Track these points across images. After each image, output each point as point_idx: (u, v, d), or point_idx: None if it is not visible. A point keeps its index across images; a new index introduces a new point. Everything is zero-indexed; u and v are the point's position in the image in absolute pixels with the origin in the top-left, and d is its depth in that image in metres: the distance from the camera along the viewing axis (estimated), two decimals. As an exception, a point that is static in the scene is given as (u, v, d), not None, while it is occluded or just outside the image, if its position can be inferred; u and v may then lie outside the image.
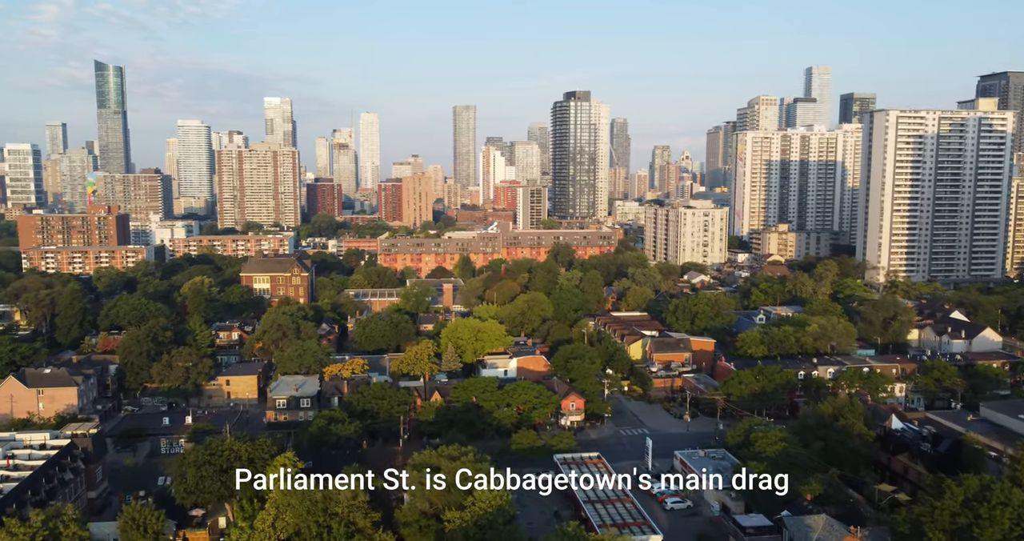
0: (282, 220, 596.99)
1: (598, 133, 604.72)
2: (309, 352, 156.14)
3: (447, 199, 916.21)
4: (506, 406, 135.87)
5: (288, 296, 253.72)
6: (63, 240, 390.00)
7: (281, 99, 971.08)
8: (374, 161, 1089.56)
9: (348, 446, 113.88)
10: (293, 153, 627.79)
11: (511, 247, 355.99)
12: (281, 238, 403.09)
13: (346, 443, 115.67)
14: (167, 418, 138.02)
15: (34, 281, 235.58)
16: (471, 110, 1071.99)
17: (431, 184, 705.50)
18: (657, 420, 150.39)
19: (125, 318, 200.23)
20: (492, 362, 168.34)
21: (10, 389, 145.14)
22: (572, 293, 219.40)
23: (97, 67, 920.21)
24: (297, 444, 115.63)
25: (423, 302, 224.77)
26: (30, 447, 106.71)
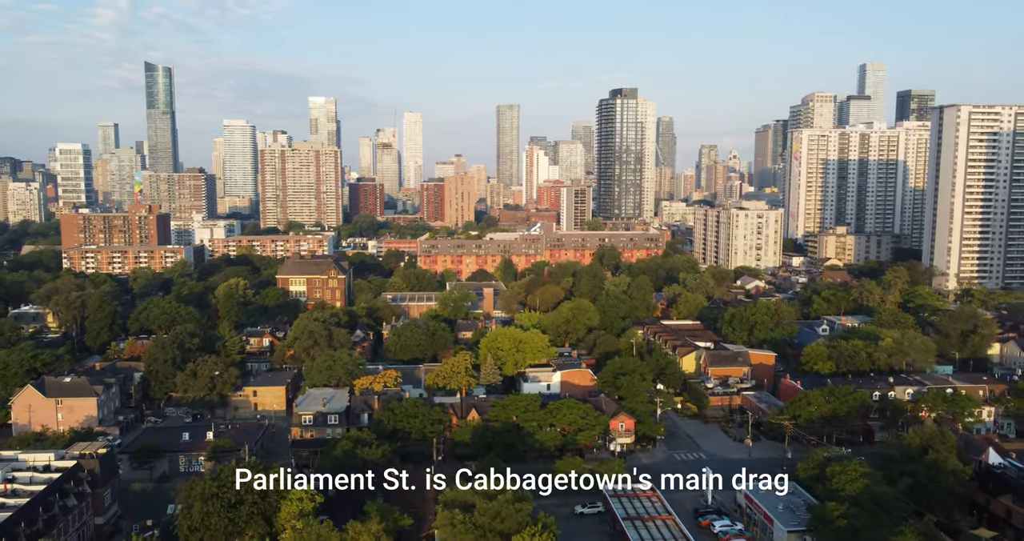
0: (324, 220, 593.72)
1: (644, 131, 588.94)
2: (339, 363, 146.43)
3: (490, 199, 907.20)
4: (549, 427, 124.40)
5: (324, 300, 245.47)
6: (104, 239, 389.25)
7: (326, 99, 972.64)
8: (417, 161, 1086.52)
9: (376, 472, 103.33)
10: (335, 152, 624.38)
11: (554, 249, 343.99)
12: (320, 239, 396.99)
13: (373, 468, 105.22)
14: (187, 433, 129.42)
15: (66, 282, 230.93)
16: (514, 109, 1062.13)
17: (473, 184, 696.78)
18: (714, 443, 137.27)
19: (155, 322, 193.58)
20: (534, 375, 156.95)
21: (28, 399, 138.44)
22: (619, 300, 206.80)
23: (147, 68, 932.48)
24: (321, 468, 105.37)
25: (462, 308, 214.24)
26: (33, 469, 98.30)
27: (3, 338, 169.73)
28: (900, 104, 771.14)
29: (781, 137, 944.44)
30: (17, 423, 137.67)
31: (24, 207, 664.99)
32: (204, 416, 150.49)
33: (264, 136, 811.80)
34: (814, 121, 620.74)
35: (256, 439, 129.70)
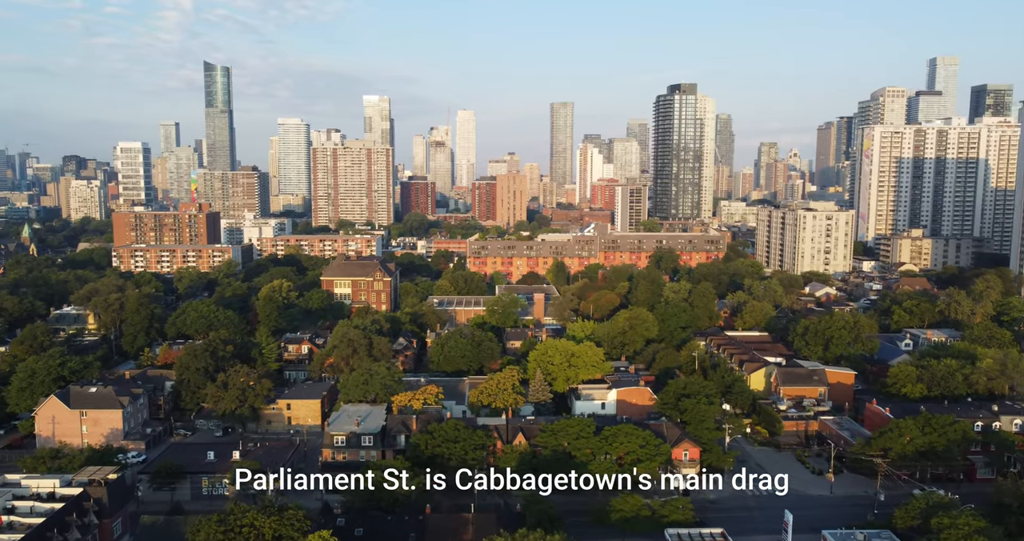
0: (375, 218, 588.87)
1: (704, 128, 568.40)
2: (376, 378, 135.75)
3: (542, 198, 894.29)
4: (604, 456, 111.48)
5: (368, 303, 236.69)
6: (155, 237, 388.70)
7: (380, 97, 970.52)
8: (470, 159, 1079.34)
9: (408, 510, 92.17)
10: (387, 150, 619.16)
11: (609, 251, 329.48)
12: (369, 238, 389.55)
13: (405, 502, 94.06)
14: (212, 451, 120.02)
15: (107, 283, 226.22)
16: (568, 107, 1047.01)
17: (526, 182, 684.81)
18: (790, 475, 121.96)
19: (192, 327, 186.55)
20: (587, 393, 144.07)
21: (52, 410, 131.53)
22: (680, 308, 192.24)
23: (206, 67, 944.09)
24: (347, 503, 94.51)
25: (511, 315, 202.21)
26: (36, 497, 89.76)
27: (36, 343, 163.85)
28: (975, 99, 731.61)
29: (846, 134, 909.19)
30: (41, 435, 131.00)
31: (85, 204, 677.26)
32: (235, 430, 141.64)
33: (318, 134, 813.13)
34: (884, 117, 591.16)
35: (286, 460, 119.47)
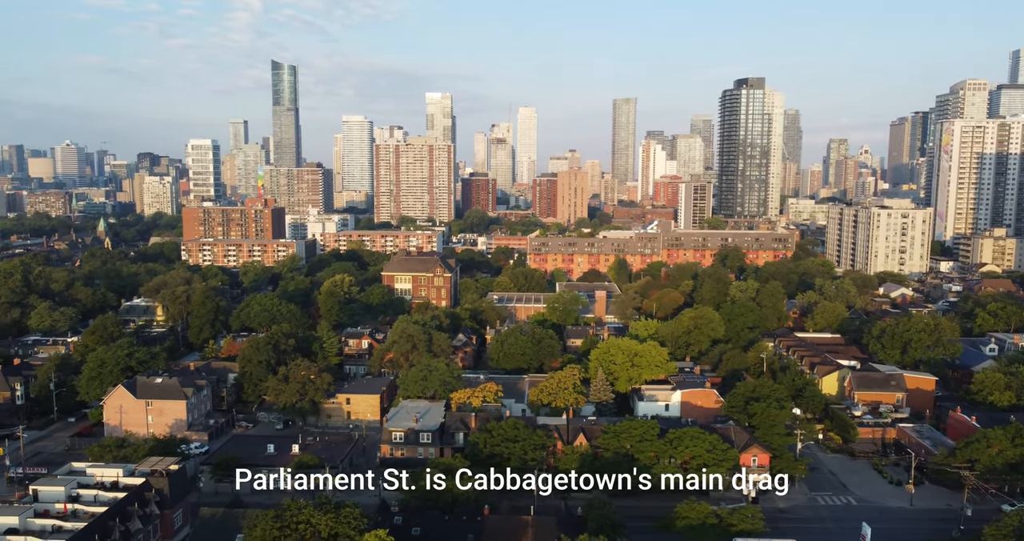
0: (436, 215, 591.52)
1: (771, 124, 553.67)
2: (435, 374, 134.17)
3: (603, 195, 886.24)
4: (669, 460, 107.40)
5: (428, 299, 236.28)
6: (222, 232, 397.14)
7: (442, 94, 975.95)
8: (531, 156, 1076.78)
9: (466, 510, 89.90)
10: (449, 147, 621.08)
11: (672, 249, 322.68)
12: (430, 234, 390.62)
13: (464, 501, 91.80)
14: (272, 444, 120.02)
15: (175, 276, 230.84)
16: (631, 103, 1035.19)
17: (587, 179, 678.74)
18: (866, 485, 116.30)
19: (256, 320, 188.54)
20: (651, 394, 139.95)
21: (119, 399, 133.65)
22: (747, 308, 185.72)
23: (273, 66, 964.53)
24: (405, 501, 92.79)
25: (572, 312, 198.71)
26: (100, 486, 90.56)
27: (107, 333, 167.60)
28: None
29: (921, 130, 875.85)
30: (108, 424, 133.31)
31: (158, 200, 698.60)
32: (295, 423, 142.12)
33: (381, 131, 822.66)
34: (964, 112, 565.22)
35: (344, 455, 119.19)
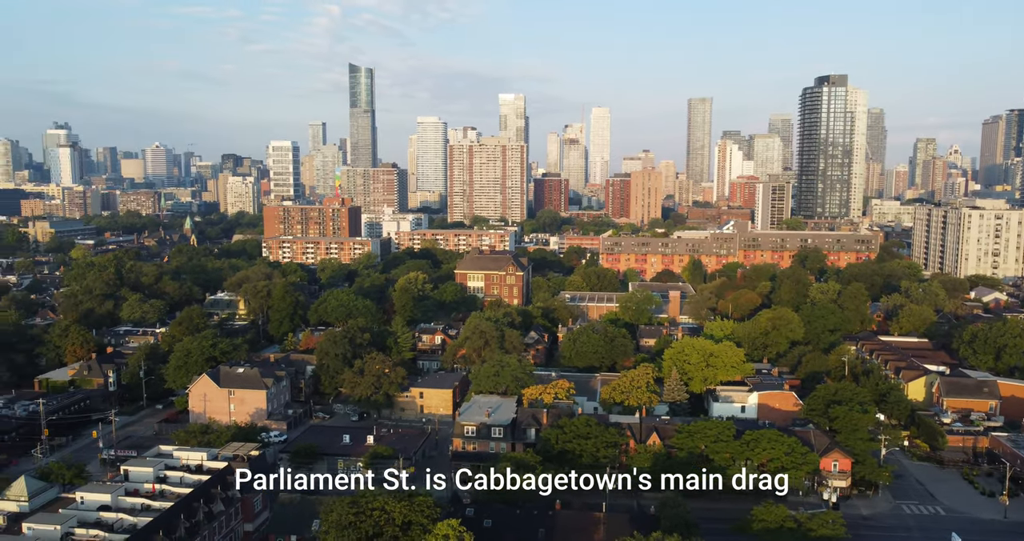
0: (508, 215, 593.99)
1: (854, 122, 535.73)
2: (507, 369, 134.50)
3: (678, 195, 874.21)
4: (745, 462, 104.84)
5: (500, 296, 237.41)
6: (301, 230, 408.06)
7: (515, 95, 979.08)
8: (604, 156, 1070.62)
9: (537, 505, 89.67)
10: (522, 147, 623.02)
11: (749, 249, 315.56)
12: (502, 233, 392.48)
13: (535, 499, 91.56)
14: (348, 435, 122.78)
15: (257, 271, 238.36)
16: (707, 103, 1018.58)
17: (661, 180, 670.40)
18: (954, 494, 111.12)
19: (332, 314, 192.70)
20: (726, 395, 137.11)
21: (204, 387, 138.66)
22: (828, 310, 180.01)
23: (351, 69, 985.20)
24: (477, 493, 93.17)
25: (645, 312, 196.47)
26: (186, 468, 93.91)
27: (192, 325, 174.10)
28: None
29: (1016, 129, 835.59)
30: (193, 411, 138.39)
31: (240, 199, 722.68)
32: (370, 415, 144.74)
33: (455, 132, 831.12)
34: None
35: (417, 447, 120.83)
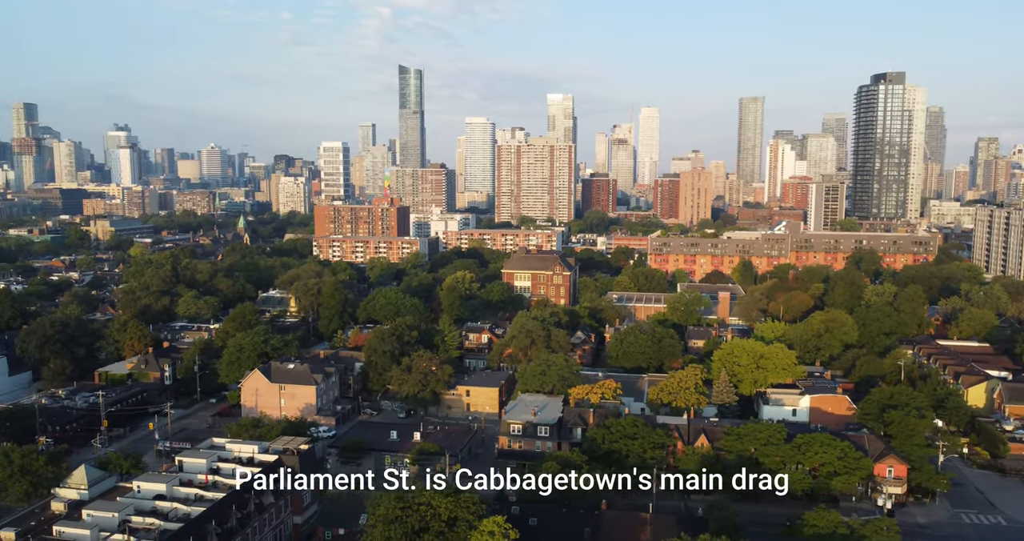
0: (556, 215, 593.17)
1: (912, 121, 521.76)
2: (554, 368, 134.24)
3: (728, 196, 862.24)
4: (796, 466, 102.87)
5: (547, 296, 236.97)
6: (351, 229, 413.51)
7: (563, 95, 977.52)
8: (652, 156, 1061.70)
9: (583, 504, 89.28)
10: (569, 148, 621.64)
11: (801, 251, 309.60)
12: (549, 233, 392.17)
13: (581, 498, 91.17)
14: (395, 431, 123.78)
15: (307, 269, 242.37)
16: (758, 102, 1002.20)
17: (710, 180, 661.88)
18: (1017, 504, 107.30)
19: (381, 312, 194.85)
20: (776, 397, 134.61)
21: (256, 382, 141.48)
22: (883, 312, 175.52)
23: (400, 71, 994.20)
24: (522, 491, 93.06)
25: (693, 313, 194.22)
26: (237, 460, 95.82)
27: (244, 321, 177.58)
28: None
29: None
30: (245, 405, 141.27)
31: (292, 199, 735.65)
32: (417, 412, 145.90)
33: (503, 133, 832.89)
34: None
35: (463, 445, 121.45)
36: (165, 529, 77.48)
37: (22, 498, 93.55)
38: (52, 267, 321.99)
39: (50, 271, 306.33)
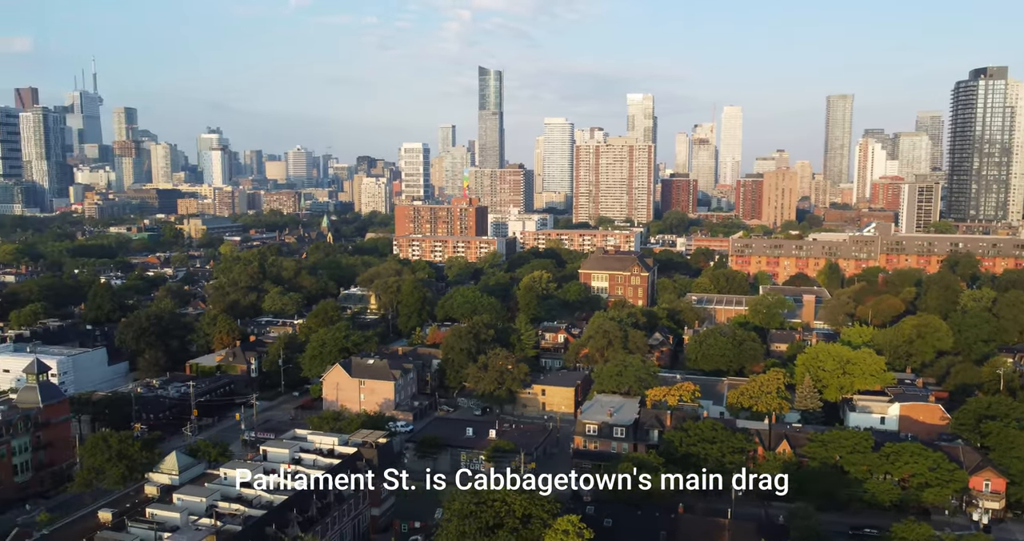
0: (634, 216, 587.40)
1: (1014, 118, 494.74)
2: (631, 369, 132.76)
3: (813, 197, 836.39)
4: (884, 476, 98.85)
5: (624, 297, 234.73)
6: (430, 229, 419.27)
7: (643, 95, 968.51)
8: (735, 156, 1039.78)
9: (660, 506, 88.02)
10: (649, 148, 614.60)
11: (891, 253, 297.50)
12: (627, 234, 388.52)
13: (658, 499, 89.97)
14: (471, 428, 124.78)
15: (388, 267, 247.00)
16: (847, 100, 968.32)
17: (795, 180, 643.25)
18: None
19: (458, 310, 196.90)
20: (864, 405, 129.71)
21: (337, 377, 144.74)
22: (981, 318, 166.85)
23: (480, 72, 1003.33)
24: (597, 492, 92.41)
25: (776, 316, 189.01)
26: (318, 452, 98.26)
27: (327, 317, 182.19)
28: None
29: None
30: (326, 399, 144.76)
31: (373, 199, 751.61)
32: (492, 410, 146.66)
33: (581, 133, 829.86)
34: None
35: (538, 443, 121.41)
36: (249, 515, 79.98)
37: (119, 481, 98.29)
38: (148, 263, 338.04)
39: (146, 267, 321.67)
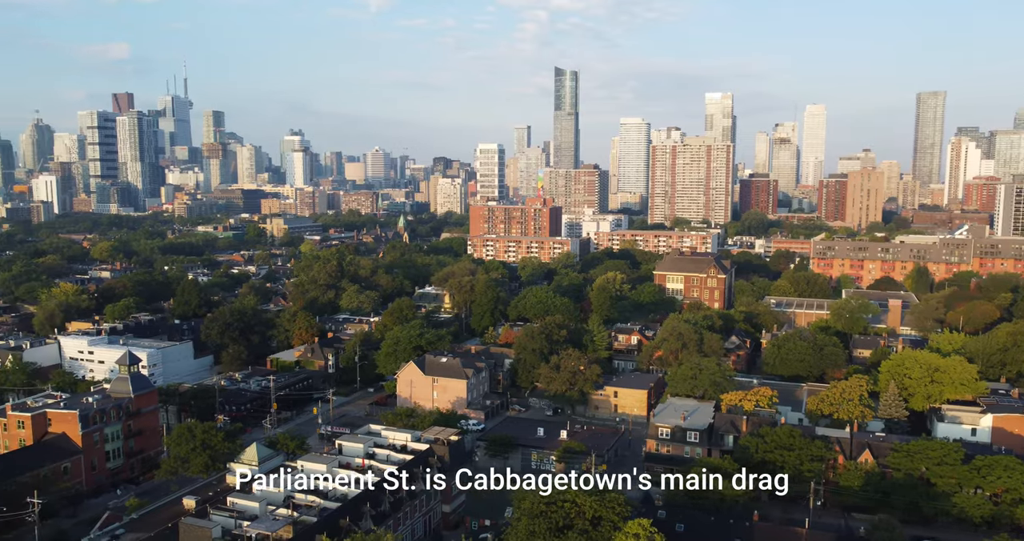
0: (711, 217, 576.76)
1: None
2: (705, 373, 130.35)
3: (901, 198, 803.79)
4: (975, 490, 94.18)
5: (700, 299, 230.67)
6: (504, 229, 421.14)
7: (722, 94, 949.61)
8: (817, 156, 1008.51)
9: (734, 513, 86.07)
10: (727, 147, 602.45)
11: (986, 258, 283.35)
12: (704, 235, 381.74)
13: (732, 507, 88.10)
14: (542, 428, 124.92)
15: (462, 267, 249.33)
16: (939, 97, 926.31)
17: (882, 180, 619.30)
18: None
19: (531, 310, 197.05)
20: (953, 415, 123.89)
21: (410, 374, 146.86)
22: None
23: (556, 73, 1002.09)
24: (669, 498, 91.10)
25: (860, 321, 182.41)
26: (391, 447, 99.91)
27: (401, 315, 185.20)
28: None
29: None
30: (400, 395, 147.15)
31: (449, 199, 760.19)
32: (564, 411, 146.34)
33: (658, 133, 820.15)
34: None
35: (609, 445, 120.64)
36: (325, 507, 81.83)
37: (202, 470, 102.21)
38: (233, 261, 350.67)
39: (231, 265, 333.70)
